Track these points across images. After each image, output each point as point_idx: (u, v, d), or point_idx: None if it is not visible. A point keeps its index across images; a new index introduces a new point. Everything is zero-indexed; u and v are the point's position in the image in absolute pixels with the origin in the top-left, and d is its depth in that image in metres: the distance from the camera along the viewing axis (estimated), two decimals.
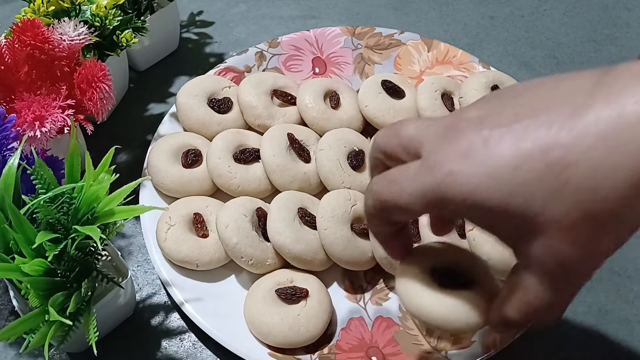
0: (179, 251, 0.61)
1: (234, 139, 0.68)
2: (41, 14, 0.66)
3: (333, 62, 0.80)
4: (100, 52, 0.69)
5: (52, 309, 0.46)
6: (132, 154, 0.74)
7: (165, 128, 0.72)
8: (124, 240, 0.68)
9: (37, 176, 0.50)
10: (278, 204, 0.63)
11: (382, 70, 0.79)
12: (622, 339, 0.61)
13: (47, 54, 0.61)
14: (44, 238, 0.45)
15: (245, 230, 0.61)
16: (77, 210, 0.49)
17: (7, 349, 0.59)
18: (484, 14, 0.92)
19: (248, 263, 0.61)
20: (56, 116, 0.58)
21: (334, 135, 0.69)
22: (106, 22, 0.67)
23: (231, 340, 0.58)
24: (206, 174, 0.67)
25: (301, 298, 0.59)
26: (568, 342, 0.61)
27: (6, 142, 0.53)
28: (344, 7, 0.93)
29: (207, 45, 0.88)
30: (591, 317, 0.62)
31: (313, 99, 0.72)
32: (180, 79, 0.83)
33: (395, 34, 0.81)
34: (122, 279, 0.55)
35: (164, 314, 0.63)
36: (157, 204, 0.66)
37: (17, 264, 0.46)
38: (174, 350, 0.60)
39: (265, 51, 0.79)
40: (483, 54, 0.85)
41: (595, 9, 0.93)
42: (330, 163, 0.66)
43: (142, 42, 0.77)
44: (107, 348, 0.59)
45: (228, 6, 0.93)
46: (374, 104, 0.72)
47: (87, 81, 0.61)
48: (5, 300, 0.62)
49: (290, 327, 0.57)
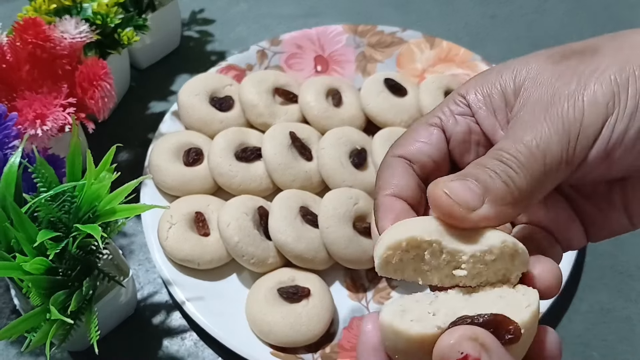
0: (180, 250, 0.61)
1: (236, 138, 0.68)
2: (42, 12, 0.66)
3: (335, 60, 0.80)
4: (102, 50, 0.69)
5: (54, 308, 0.46)
6: (133, 153, 0.74)
7: (167, 126, 0.72)
8: (125, 239, 0.68)
9: (39, 174, 0.50)
10: (279, 202, 0.63)
11: (384, 69, 0.79)
12: (624, 337, 0.61)
13: (48, 53, 0.61)
14: (45, 236, 0.45)
15: (247, 229, 0.61)
16: (78, 209, 0.49)
17: (9, 347, 0.59)
18: (485, 13, 0.92)
19: (249, 262, 0.61)
20: (57, 114, 0.58)
21: (336, 133, 0.68)
22: (107, 20, 0.67)
23: (233, 339, 0.57)
24: (207, 172, 0.67)
25: (303, 297, 0.59)
26: (570, 340, 0.60)
27: (7, 140, 0.53)
28: (345, 5, 0.93)
29: (208, 44, 0.87)
30: (593, 316, 0.62)
31: (315, 97, 0.72)
32: (181, 77, 0.83)
33: (397, 32, 0.81)
34: (123, 278, 0.55)
35: (165, 313, 0.63)
36: (158, 202, 0.66)
37: (18, 263, 0.46)
38: (175, 349, 0.60)
39: (266, 49, 0.79)
40: (484, 53, 0.84)
41: (596, 7, 0.92)
42: (332, 161, 0.66)
43: (143, 40, 0.77)
44: (108, 347, 0.59)
45: (229, 4, 0.93)
46: (376, 102, 0.72)
47: (89, 79, 0.61)
48: (6, 299, 0.62)
49: (292, 326, 0.57)
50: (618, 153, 0.29)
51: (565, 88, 0.30)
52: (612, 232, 0.34)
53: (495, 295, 0.28)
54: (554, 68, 0.31)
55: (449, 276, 0.29)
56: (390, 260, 0.29)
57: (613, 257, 0.66)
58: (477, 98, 0.33)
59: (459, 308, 0.27)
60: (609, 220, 0.34)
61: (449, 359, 0.24)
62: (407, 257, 0.29)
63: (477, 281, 0.29)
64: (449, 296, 0.28)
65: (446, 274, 0.29)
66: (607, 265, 0.66)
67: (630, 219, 0.33)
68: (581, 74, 0.30)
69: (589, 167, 0.30)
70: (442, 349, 0.24)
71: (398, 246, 0.28)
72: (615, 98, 0.29)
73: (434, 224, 0.29)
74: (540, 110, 0.30)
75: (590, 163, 0.29)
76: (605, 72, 0.29)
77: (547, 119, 0.29)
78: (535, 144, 0.29)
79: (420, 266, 0.29)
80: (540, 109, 0.30)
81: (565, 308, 0.63)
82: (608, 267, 0.66)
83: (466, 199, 0.28)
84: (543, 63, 0.32)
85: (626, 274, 0.65)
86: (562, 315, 0.62)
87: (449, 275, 0.29)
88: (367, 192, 0.65)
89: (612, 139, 0.29)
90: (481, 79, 0.33)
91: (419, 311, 0.27)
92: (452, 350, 0.24)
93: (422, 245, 0.28)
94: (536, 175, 0.28)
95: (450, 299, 0.28)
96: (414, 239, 0.28)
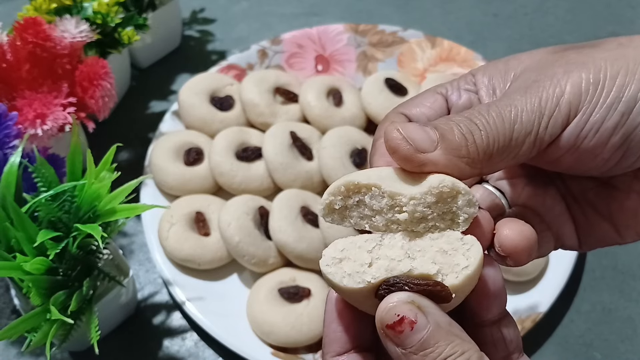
0: (180, 250, 0.61)
1: (236, 137, 0.68)
2: (43, 11, 0.65)
3: (336, 59, 0.80)
4: (102, 49, 0.69)
5: (54, 308, 0.46)
6: (133, 152, 0.74)
7: (167, 126, 0.72)
8: (125, 239, 0.67)
9: (39, 174, 0.49)
10: (280, 202, 0.62)
11: (385, 68, 0.79)
12: (625, 337, 0.61)
13: (48, 52, 0.61)
14: (46, 236, 0.45)
15: (248, 228, 0.61)
16: (78, 209, 0.49)
17: (9, 347, 0.59)
18: (487, 12, 0.92)
19: (250, 262, 0.61)
20: (58, 114, 0.58)
21: (337, 133, 0.68)
22: (108, 19, 0.67)
23: (233, 340, 0.57)
24: (208, 172, 0.67)
25: (303, 297, 0.59)
26: (572, 340, 0.60)
27: (8, 140, 0.53)
28: (346, 4, 0.93)
29: (209, 43, 0.87)
30: (595, 315, 0.62)
31: (316, 96, 0.72)
32: (182, 77, 0.83)
33: (398, 32, 0.80)
34: (123, 278, 0.55)
35: (165, 313, 0.63)
36: (158, 202, 0.66)
37: (18, 263, 0.46)
38: (175, 349, 0.60)
39: (267, 49, 0.79)
40: (486, 52, 0.84)
41: (598, 6, 0.92)
42: (333, 161, 0.66)
43: (143, 39, 0.77)
44: (108, 347, 0.59)
45: (230, 3, 0.93)
46: (377, 102, 0.72)
47: (89, 79, 0.61)
48: (6, 299, 0.62)
49: (293, 326, 0.57)
50: (591, 143, 0.29)
51: (553, 70, 0.30)
52: (599, 241, 0.34)
53: (436, 249, 0.28)
54: (551, 57, 0.31)
55: (394, 222, 0.29)
56: (333, 207, 0.29)
57: (615, 257, 0.66)
58: (483, 78, 0.34)
59: (396, 262, 0.27)
60: (595, 228, 0.34)
61: (387, 322, 0.26)
62: (350, 202, 0.29)
63: (424, 226, 0.29)
64: (393, 241, 0.28)
65: (390, 218, 0.29)
66: (608, 265, 0.66)
67: (617, 232, 0.34)
68: (573, 62, 0.30)
69: (559, 151, 0.29)
70: (380, 313, 0.26)
71: (337, 191, 0.29)
72: (599, 86, 0.29)
73: (387, 171, 0.29)
74: (524, 86, 0.30)
75: (561, 146, 0.29)
76: (597, 62, 0.29)
77: (528, 93, 0.29)
78: (508, 110, 0.29)
79: (364, 212, 0.29)
80: (525, 85, 0.30)
81: (566, 308, 0.63)
82: (610, 267, 0.65)
83: (418, 139, 0.28)
84: (545, 54, 0.32)
85: (628, 274, 0.65)
86: (563, 315, 0.62)
87: (394, 221, 0.29)
88: None
89: (587, 125, 0.29)
90: (492, 64, 0.34)
91: (356, 261, 0.28)
92: (389, 314, 0.26)
93: (362, 190, 0.28)
94: (499, 139, 0.28)
95: (393, 246, 0.28)
96: (351, 182, 0.28)
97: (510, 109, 0.29)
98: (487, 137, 0.28)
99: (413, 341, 0.26)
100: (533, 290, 0.61)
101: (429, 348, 0.26)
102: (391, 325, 0.26)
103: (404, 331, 0.26)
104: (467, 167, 0.28)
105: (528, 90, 0.29)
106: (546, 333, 0.61)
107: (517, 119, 0.28)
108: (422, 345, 0.26)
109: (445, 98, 0.34)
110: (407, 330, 0.26)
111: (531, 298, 0.60)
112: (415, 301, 0.26)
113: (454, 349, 0.26)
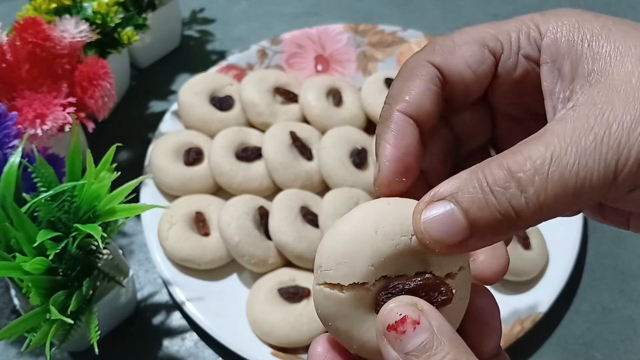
0: (180, 250, 0.61)
1: (236, 137, 0.68)
2: (42, 11, 0.65)
3: (336, 59, 0.80)
4: (102, 49, 0.69)
5: (54, 308, 0.46)
6: (133, 152, 0.74)
7: (167, 126, 0.72)
8: (125, 239, 0.67)
9: (38, 174, 0.49)
10: (280, 202, 0.62)
11: (385, 68, 0.79)
12: (625, 337, 0.61)
13: (48, 52, 0.61)
14: (45, 236, 0.45)
15: (247, 228, 0.61)
16: (78, 209, 0.49)
17: (9, 347, 0.59)
18: (488, 11, 0.92)
19: (250, 262, 0.61)
20: (57, 114, 0.58)
21: (337, 133, 0.68)
22: (107, 19, 0.67)
23: (233, 340, 0.57)
24: (208, 172, 0.67)
25: (303, 297, 0.59)
26: (571, 341, 0.60)
27: (7, 140, 0.53)
28: (346, 4, 0.93)
29: (208, 43, 0.87)
30: (595, 316, 0.62)
31: (315, 96, 0.72)
32: (181, 77, 0.83)
33: (398, 32, 0.80)
34: (123, 278, 0.55)
35: (165, 313, 0.63)
36: (158, 202, 0.66)
37: (18, 263, 0.46)
38: (175, 349, 0.60)
39: (267, 49, 0.79)
40: None
41: (598, 6, 0.92)
42: (333, 161, 0.66)
43: (143, 39, 0.77)
44: (108, 347, 0.59)
45: (230, 3, 0.93)
46: (377, 102, 0.72)
47: (89, 79, 0.61)
48: (6, 299, 0.62)
49: (293, 326, 0.57)
50: None
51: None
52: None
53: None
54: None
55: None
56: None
57: (614, 257, 0.66)
58: (552, 46, 0.28)
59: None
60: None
61: (389, 322, 0.25)
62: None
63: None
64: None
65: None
66: (608, 265, 0.66)
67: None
68: None
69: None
70: (381, 316, 0.25)
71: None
72: None
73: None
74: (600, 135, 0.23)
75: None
76: None
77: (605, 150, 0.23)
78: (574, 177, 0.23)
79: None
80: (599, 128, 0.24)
81: (566, 308, 0.62)
82: (610, 267, 0.65)
83: (445, 238, 0.25)
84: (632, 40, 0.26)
85: (628, 274, 0.65)
86: (563, 315, 0.62)
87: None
88: (368, 192, 0.65)
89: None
90: (567, 28, 0.28)
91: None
92: (390, 313, 0.25)
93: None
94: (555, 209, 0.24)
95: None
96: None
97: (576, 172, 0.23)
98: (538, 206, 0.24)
99: (415, 343, 0.24)
100: (533, 290, 0.61)
101: (431, 351, 0.24)
102: (393, 326, 0.25)
103: (406, 331, 0.24)
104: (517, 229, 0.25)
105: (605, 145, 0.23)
106: (546, 333, 0.61)
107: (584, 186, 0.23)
108: (424, 348, 0.24)
109: (494, 55, 0.28)
110: (410, 330, 0.24)
111: (531, 298, 0.60)
112: (417, 304, 0.25)
113: (458, 356, 0.24)
